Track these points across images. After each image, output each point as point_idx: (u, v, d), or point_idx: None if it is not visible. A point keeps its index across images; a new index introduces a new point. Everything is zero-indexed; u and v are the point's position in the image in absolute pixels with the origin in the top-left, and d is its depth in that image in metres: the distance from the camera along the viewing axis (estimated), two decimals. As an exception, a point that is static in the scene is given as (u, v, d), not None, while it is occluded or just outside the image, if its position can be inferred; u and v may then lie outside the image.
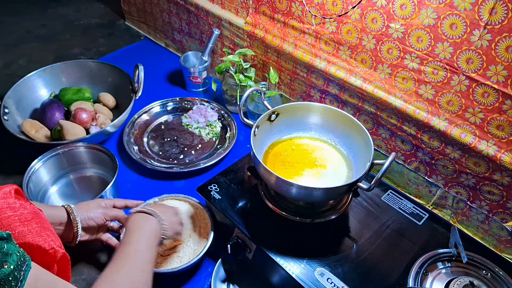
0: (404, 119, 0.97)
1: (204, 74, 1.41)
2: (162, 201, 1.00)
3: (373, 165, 0.82)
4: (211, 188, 0.96)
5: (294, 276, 0.79)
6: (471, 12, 0.76)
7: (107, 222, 0.89)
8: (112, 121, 1.23)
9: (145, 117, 1.32)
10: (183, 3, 1.42)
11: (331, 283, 0.78)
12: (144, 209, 0.79)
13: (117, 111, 1.34)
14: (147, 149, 1.23)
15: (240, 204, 0.93)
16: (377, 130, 1.06)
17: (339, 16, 0.98)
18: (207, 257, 0.96)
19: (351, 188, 0.81)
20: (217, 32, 1.33)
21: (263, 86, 1.25)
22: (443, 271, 0.82)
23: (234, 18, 1.28)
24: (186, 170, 1.14)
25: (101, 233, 0.90)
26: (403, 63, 0.92)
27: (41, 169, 1.06)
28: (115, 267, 0.66)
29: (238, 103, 1.30)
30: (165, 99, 1.37)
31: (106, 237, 0.91)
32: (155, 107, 1.35)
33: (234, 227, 0.89)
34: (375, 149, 0.87)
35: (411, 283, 0.78)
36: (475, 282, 0.76)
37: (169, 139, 1.27)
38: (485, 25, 0.76)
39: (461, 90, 0.85)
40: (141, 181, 1.15)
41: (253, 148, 0.84)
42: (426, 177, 1.01)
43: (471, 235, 0.96)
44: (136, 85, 1.25)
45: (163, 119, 1.34)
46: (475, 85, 0.82)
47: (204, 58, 1.39)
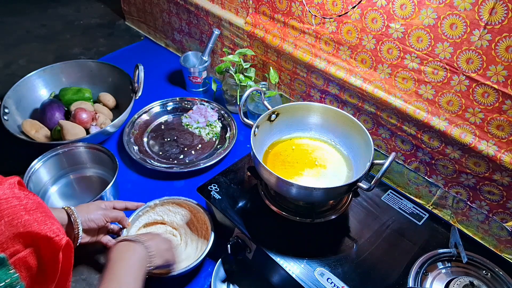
0: (404, 119, 0.97)
1: (204, 74, 1.41)
2: (162, 203, 1.00)
3: (373, 165, 0.82)
4: (211, 188, 0.96)
5: (294, 276, 0.79)
6: (471, 12, 0.76)
7: (108, 223, 0.89)
8: (112, 121, 1.23)
9: (145, 117, 1.32)
10: (183, 3, 1.42)
11: (331, 283, 0.78)
12: (128, 237, 0.76)
13: (117, 111, 1.34)
14: (147, 149, 1.23)
15: (240, 204, 0.93)
16: (377, 130, 1.06)
17: (339, 16, 0.98)
18: (207, 257, 0.96)
19: (351, 188, 0.81)
20: (217, 32, 1.33)
21: (263, 86, 1.25)
22: (443, 271, 0.82)
23: (234, 18, 1.28)
24: (186, 170, 1.14)
25: (101, 235, 0.90)
26: (403, 63, 0.92)
27: (41, 169, 1.06)
28: None
29: (238, 103, 1.30)
30: (165, 99, 1.37)
31: (106, 239, 0.91)
32: (155, 107, 1.35)
33: (234, 227, 0.89)
34: (375, 149, 0.87)
35: (411, 283, 0.78)
36: (475, 282, 0.76)
37: (169, 139, 1.27)
38: (485, 25, 0.76)
39: (461, 90, 0.85)
40: (141, 181, 1.15)
41: (253, 148, 0.84)
42: (426, 177, 1.01)
43: (471, 235, 0.96)
44: (136, 85, 1.25)
45: (163, 119, 1.34)
46: (475, 85, 0.82)
47: (204, 58, 1.39)
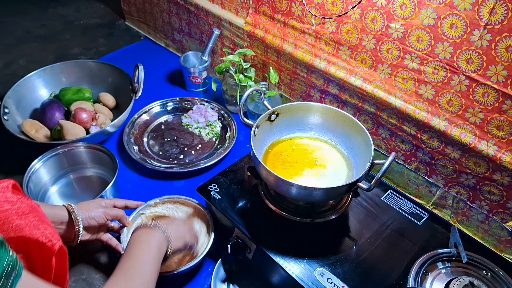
0: (404, 119, 0.97)
1: (204, 74, 1.41)
2: (162, 202, 1.00)
3: (373, 165, 0.82)
4: (211, 188, 0.96)
5: (294, 276, 0.79)
6: (471, 12, 0.76)
7: (108, 221, 0.89)
8: (112, 121, 1.23)
9: (145, 117, 1.32)
10: (183, 3, 1.42)
11: (331, 283, 0.78)
12: (145, 224, 0.78)
13: (117, 111, 1.34)
14: (147, 149, 1.23)
15: (240, 204, 0.93)
16: (377, 130, 1.06)
17: (339, 16, 0.98)
18: (207, 257, 0.96)
19: (351, 188, 0.81)
20: (217, 32, 1.33)
21: (263, 86, 1.25)
22: (443, 271, 0.82)
23: (234, 18, 1.28)
24: (186, 170, 1.14)
25: (101, 233, 0.90)
26: (403, 63, 0.92)
27: (41, 169, 1.06)
28: (115, 281, 0.65)
29: (238, 103, 1.30)
30: (165, 99, 1.37)
31: (106, 237, 0.91)
32: (155, 107, 1.35)
33: (234, 227, 0.89)
34: (375, 149, 0.87)
35: (411, 283, 0.78)
36: (475, 282, 0.76)
37: (169, 139, 1.27)
38: (485, 25, 0.76)
39: (461, 90, 0.85)
40: (141, 181, 1.15)
41: (253, 148, 0.84)
42: (426, 177, 1.01)
43: (471, 235, 0.96)
44: (136, 85, 1.25)
45: (163, 119, 1.34)
46: (475, 85, 0.82)
47: (204, 58, 1.39)
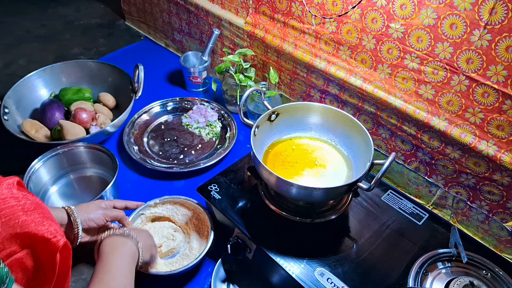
0: (404, 119, 0.97)
1: (204, 74, 1.41)
2: (162, 203, 1.00)
3: (373, 165, 0.82)
4: (211, 188, 0.96)
5: (294, 276, 0.79)
6: (471, 12, 0.76)
7: (108, 223, 0.89)
8: (112, 121, 1.23)
9: (145, 117, 1.32)
10: (183, 3, 1.42)
11: (331, 283, 0.78)
12: (119, 232, 0.77)
13: (117, 111, 1.34)
14: (147, 149, 1.23)
15: (240, 204, 0.93)
16: (377, 130, 1.06)
17: (339, 16, 0.98)
18: (207, 257, 0.96)
19: (351, 188, 0.81)
20: (217, 32, 1.33)
21: (263, 86, 1.25)
22: (443, 271, 0.82)
23: (234, 18, 1.28)
24: (186, 170, 1.14)
25: (101, 234, 0.90)
26: (403, 63, 0.92)
27: (41, 169, 1.06)
28: None
29: (238, 103, 1.30)
30: (165, 99, 1.37)
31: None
32: (155, 107, 1.35)
33: (234, 227, 0.89)
34: (375, 149, 0.87)
35: (411, 283, 0.78)
36: (475, 282, 0.76)
37: (169, 139, 1.27)
38: (485, 25, 0.76)
39: (461, 90, 0.85)
40: (141, 181, 1.15)
41: (253, 148, 0.84)
42: (426, 177, 1.01)
43: (471, 235, 0.96)
44: (136, 85, 1.25)
45: (163, 119, 1.34)
46: (475, 85, 0.82)
47: (204, 58, 1.39)
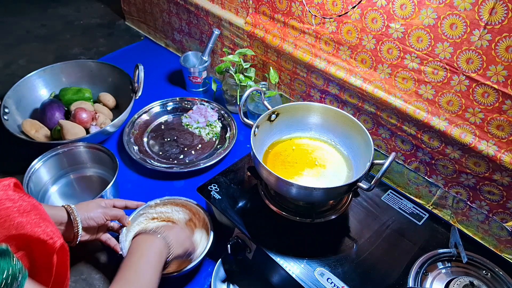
0: (404, 119, 0.97)
1: (204, 74, 1.41)
2: (163, 203, 1.00)
3: (373, 165, 0.82)
4: (211, 188, 0.96)
5: (294, 276, 0.79)
6: (471, 12, 0.76)
7: (107, 222, 0.89)
8: (112, 121, 1.23)
9: (145, 117, 1.32)
10: (183, 3, 1.42)
11: (331, 283, 0.78)
12: (146, 230, 0.77)
13: (117, 111, 1.34)
14: (147, 149, 1.23)
15: (240, 204, 0.93)
16: (377, 130, 1.06)
17: (339, 16, 0.98)
18: (207, 257, 0.96)
19: (351, 188, 0.81)
20: (217, 32, 1.33)
21: (263, 86, 1.25)
22: (443, 271, 0.82)
23: (234, 18, 1.28)
24: (186, 170, 1.14)
25: (101, 233, 0.90)
26: (403, 63, 0.92)
27: (41, 169, 1.06)
28: None
29: (238, 103, 1.30)
30: (165, 99, 1.37)
31: (106, 237, 0.91)
32: (155, 107, 1.35)
33: (234, 227, 0.89)
34: (375, 149, 0.87)
35: (411, 283, 0.78)
36: (475, 282, 0.76)
37: (169, 139, 1.27)
38: (485, 25, 0.76)
39: (461, 90, 0.85)
40: (141, 181, 1.15)
41: (253, 148, 0.84)
42: (426, 177, 1.01)
43: (471, 235, 0.96)
44: (136, 85, 1.25)
45: (163, 119, 1.34)
46: (475, 85, 0.82)
47: (204, 58, 1.39)
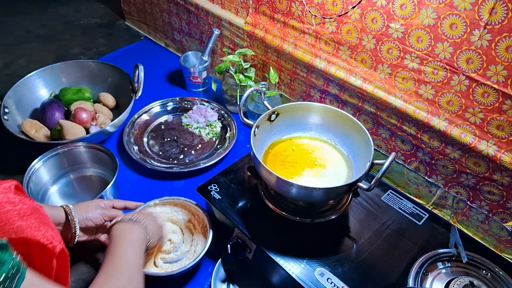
0: (404, 119, 0.97)
1: (204, 74, 1.41)
2: (162, 204, 1.00)
3: (373, 165, 0.82)
4: (211, 188, 0.96)
5: (294, 276, 0.79)
6: (471, 12, 0.76)
7: (106, 222, 0.89)
8: (112, 121, 1.23)
9: (145, 117, 1.32)
10: (183, 3, 1.42)
11: (331, 283, 0.78)
12: (128, 217, 0.78)
13: (117, 111, 1.34)
14: (147, 149, 1.23)
15: (240, 204, 0.93)
16: (377, 130, 1.06)
17: (339, 16, 0.98)
18: (207, 257, 0.96)
19: (351, 188, 0.81)
20: (217, 32, 1.33)
21: (263, 86, 1.25)
22: (443, 271, 0.82)
23: (234, 18, 1.28)
24: (186, 170, 1.14)
25: (100, 234, 0.90)
26: (403, 63, 0.92)
27: (41, 169, 1.06)
28: (103, 278, 0.64)
29: (238, 103, 1.30)
30: (165, 99, 1.37)
31: (104, 237, 0.91)
32: (155, 107, 1.35)
33: (234, 227, 0.89)
34: (375, 149, 0.87)
35: (411, 283, 0.78)
36: (475, 282, 0.76)
37: (169, 139, 1.27)
38: (485, 25, 0.76)
39: (461, 90, 0.85)
40: (141, 181, 1.15)
41: (253, 148, 0.84)
42: (426, 177, 1.01)
43: (471, 235, 0.96)
44: (136, 85, 1.25)
45: (163, 119, 1.34)
46: (475, 85, 0.82)
47: (204, 58, 1.39)
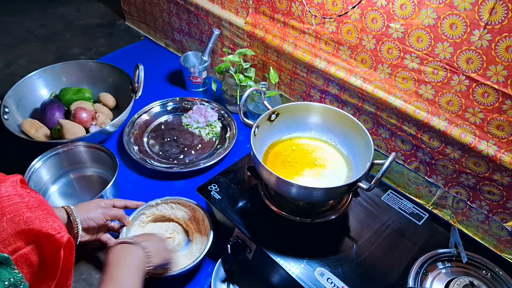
0: (404, 119, 0.97)
1: (204, 74, 1.41)
2: (164, 202, 1.00)
3: (373, 165, 0.82)
4: (211, 188, 0.96)
5: (294, 276, 0.79)
6: (471, 12, 0.77)
7: (107, 222, 0.89)
8: (112, 121, 1.23)
9: (145, 117, 1.32)
10: (183, 3, 1.42)
11: (331, 283, 0.78)
12: (125, 240, 0.77)
13: (117, 111, 1.34)
14: (147, 149, 1.23)
15: (240, 204, 0.93)
16: (377, 130, 1.06)
17: (339, 16, 0.98)
18: (207, 257, 0.96)
19: (351, 188, 0.81)
20: (217, 32, 1.33)
21: (263, 86, 1.25)
22: (443, 271, 0.82)
23: (234, 18, 1.28)
24: (186, 170, 1.14)
25: (101, 233, 0.91)
26: (403, 63, 0.92)
27: (41, 169, 1.06)
28: None
29: (238, 103, 1.30)
30: (165, 99, 1.37)
31: (106, 237, 0.91)
32: (155, 107, 1.35)
33: (234, 227, 0.89)
34: (375, 149, 0.87)
35: (411, 283, 0.78)
36: (475, 282, 0.76)
37: (169, 139, 1.27)
38: (485, 25, 0.76)
39: (461, 90, 0.85)
40: (141, 181, 1.15)
41: (253, 148, 0.84)
42: (426, 177, 1.01)
43: (471, 235, 0.96)
44: (136, 85, 1.25)
45: (163, 119, 1.34)
46: (475, 85, 0.82)
47: (204, 58, 1.39)
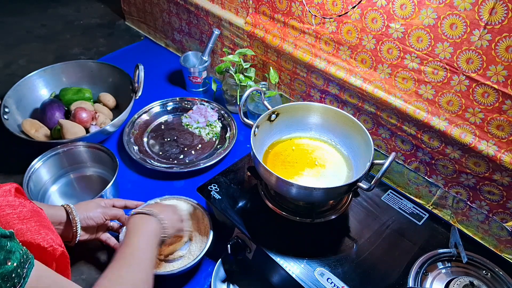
0: (404, 119, 0.97)
1: (204, 74, 1.41)
2: (163, 201, 1.00)
3: (373, 165, 0.82)
4: (211, 188, 0.96)
5: (294, 276, 0.79)
6: (471, 12, 0.77)
7: (107, 221, 0.89)
8: (112, 121, 1.23)
9: (145, 117, 1.32)
10: (183, 3, 1.42)
11: (331, 283, 0.78)
12: (143, 210, 0.79)
13: (117, 111, 1.34)
14: (147, 149, 1.23)
15: (240, 204, 0.93)
16: (377, 130, 1.06)
17: (339, 16, 0.98)
18: (207, 257, 0.96)
19: (351, 188, 0.81)
20: (217, 32, 1.33)
21: (263, 86, 1.25)
22: (443, 271, 0.82)
23: (234, 18, 1.28)
24: (186, 170, 1.14)
25: (100, 233, 0.91)
26: (403, 63, 0.92)
27: (41, 169, 1.06)
28: (116, 267, 0.67)
29: (238, 103, 1.30)
30: (165, 99, 1.37)
31: (105, 236, 0.91)
32: (155, 107, 1.35)
33: (234, 227, 0.89)
34: (375, 149, 0.87)
35: (411, 283, 0.78)
36: (475, 282, 0.76)
37: (169, 139, 1.27)
38: (485, 25, 0.76)
39: (461, 90, 0.85)
40: (141, 181, 1.15)
41: (253, 148, 0.84)
42: (426, 177, 1.01)
43: (471, 235, 0.96)
44: (136, 85, 1.25)
45: (163, 119, 1.34)
46: (475, 85, 0.82)
47: (204, 58, 1.39)
